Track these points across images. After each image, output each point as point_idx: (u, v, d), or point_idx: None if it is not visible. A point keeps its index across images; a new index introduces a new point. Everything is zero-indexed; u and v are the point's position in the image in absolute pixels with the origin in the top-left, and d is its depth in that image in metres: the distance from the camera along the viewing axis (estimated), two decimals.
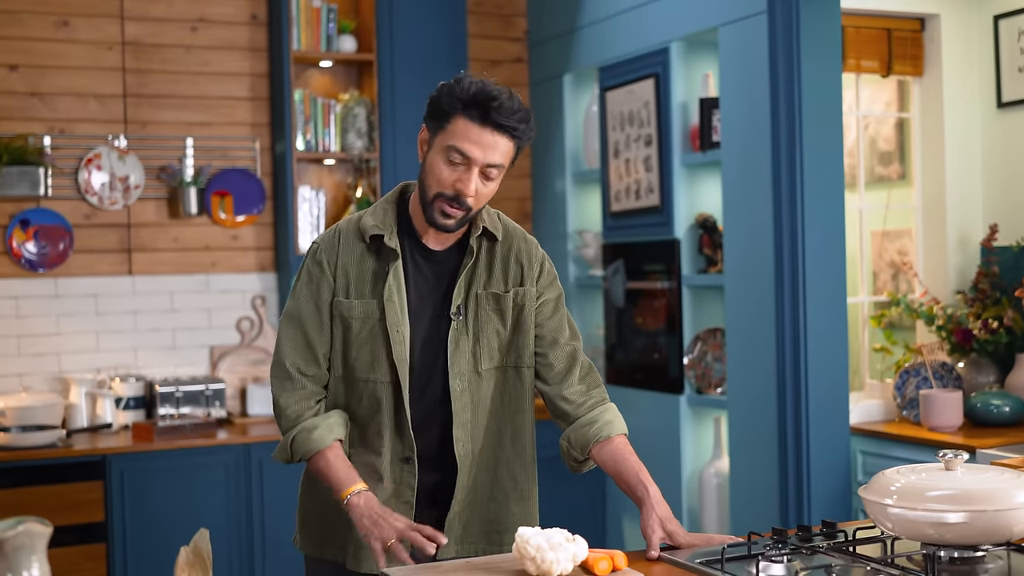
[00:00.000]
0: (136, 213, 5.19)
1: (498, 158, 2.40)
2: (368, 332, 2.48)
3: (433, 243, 2.53)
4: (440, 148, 2.40)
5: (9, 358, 4.99)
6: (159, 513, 4.61)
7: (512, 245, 2.58)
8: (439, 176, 2.40)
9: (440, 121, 2.41)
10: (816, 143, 4.21)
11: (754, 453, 4.39)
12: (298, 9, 5.24)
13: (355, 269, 2.50)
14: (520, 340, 2.56)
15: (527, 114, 2.42)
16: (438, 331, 2.50)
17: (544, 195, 5.84)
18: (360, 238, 2.51)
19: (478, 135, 2.37)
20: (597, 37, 5.31)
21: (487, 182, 2.41)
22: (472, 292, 2.52)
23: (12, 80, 5.01)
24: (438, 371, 2.50)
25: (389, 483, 2.50)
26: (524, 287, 2.56)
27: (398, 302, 2.47)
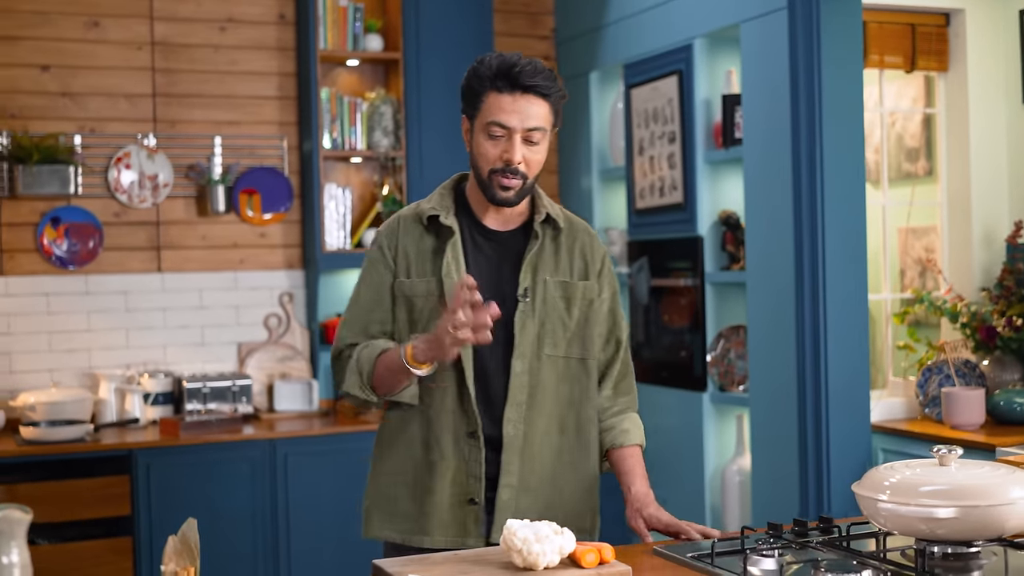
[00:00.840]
0: (165, 211, 5.26)
1: (535, 121, 2.47)
2: (430, 310, 2.54)
3: (493, 223, 2.60)
4: (480, 128, 2.50)
5: (40, 354, 5.07)
6: (185, 507, 4.66)
7: (577, 237, 2.66)
8: (485, 153, 2.49)
9: (474, 104, 2.51)
10: (836, 139, 4.19)
11: (775, 450, 4.38)
12: (325, 8, 5.29)
13: (414, 250, 2.59)
14: (586, 333, 2.63)
15: (551, 74, 2.50)
16: (504, 312, 2.52)
17: (571, 192, 5.84)
18: (419, 221, 2.61)
19: (510, 103, 2.45)
20: (623, 34, 5.32)
21: (532, 147, 2.49)
22: (539, 277, 2.58)
23: (44, 80, 5.09)
24: (503, 351, 2.55)
25: (455, 459, 2.54)
26: (589, 281, 2.64)
27: (457, 278, 2.51)
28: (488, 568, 2.10)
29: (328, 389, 5.44)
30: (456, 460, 2.54)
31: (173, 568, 1.89)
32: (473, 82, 2.52)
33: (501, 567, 2.10)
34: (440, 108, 5.38)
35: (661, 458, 5.16)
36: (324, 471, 4.84)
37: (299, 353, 5.40)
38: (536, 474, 2.59)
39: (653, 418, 5.20)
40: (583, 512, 2.70)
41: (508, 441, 2.55)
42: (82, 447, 4.59)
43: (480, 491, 2.54)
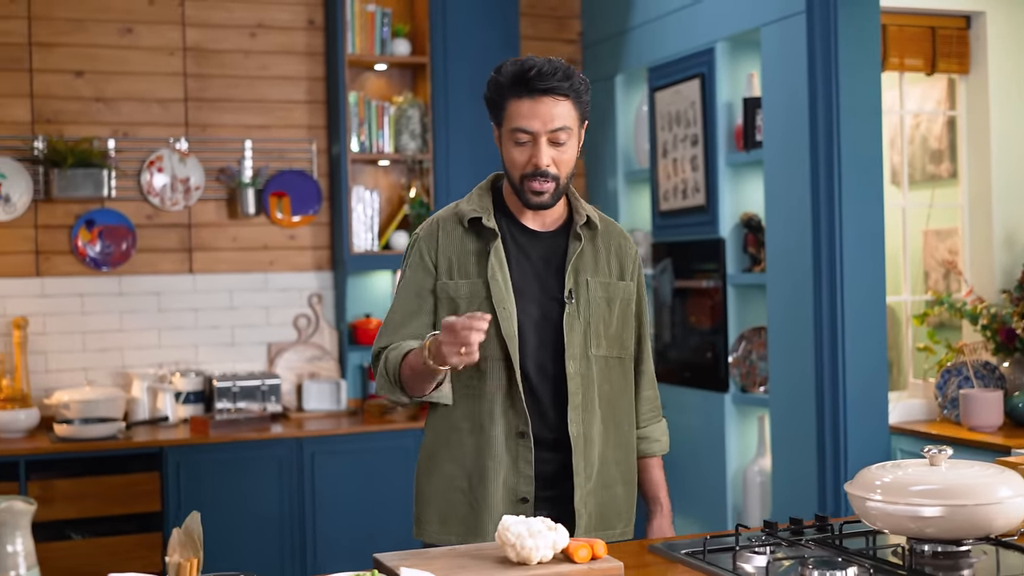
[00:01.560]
0: (196, 213, 5.36)
1: (559, 121, 2.49)
2: (476, 310, 2.54)
3: (533, 223, 2.63)
4: (507, 135, 2.53)
5: (75, 353, 5.19)
6: (214, 504, 4.75)
7: (612, 239, 2.70)
8: (514, 160, 2.53)
9: (498, 113, 2.55)
10: (854, 142, 4.22)
11: (795, 451, 4.41)
12: (353, 14, 5.37)
13: (456, 252, 2.60)
14: (625, 332, 2.69)
15: (569, 70, 2.52)
16: (549, 312, 2.59)
17: (597, 194, 5.89)
18: (459, 223, 2.62)
19: (530, 108, 2.48)
20: (647, 38, 5.36)
21: (560, 147, 2.51)
22: (582, 279, 2.61)
23: (78, 85, 5.21)
24: (551, 352, 2.58)
25: (505, 457, 2.56)
26: (626, 282, 2.69)
27: (501, 280, 2.55)
28: (483, 562, 2.16)
29: (356, 389, 5.52)
30: (508, 460, 2.56)
31: (177, 559, 1.96)
32: (493, 92, 2.55)
33: (496, 562, 2.16)
34: (467, 112, 5.45)
35: (684, 458, 5.20)
36: (351, 470, 4.92)
37: (327, 353, 5.49)
38: (595, 473, 2.63)
39: (676, 418, 5.24)
40: (626, 509, 2.74)
41: (574, 442, 2.57)
42: (114, 444, 4.69)
43: (531, 490, 2.56)
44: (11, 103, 5.11)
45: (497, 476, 2.56)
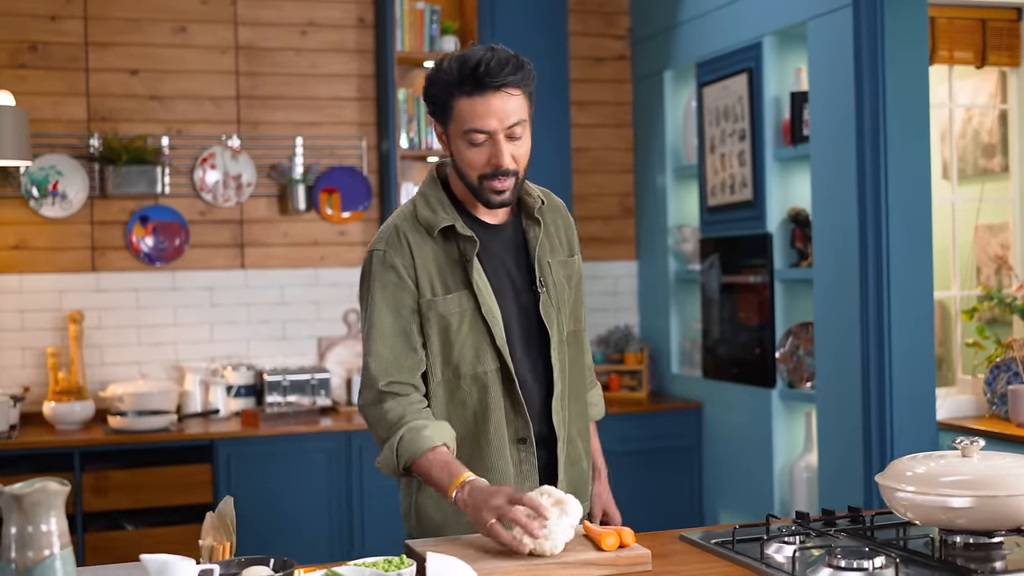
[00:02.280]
0: (248, 210, 5.44)
1: (514, 116, 2.34)
2: (468, 325, 2.42)
3: (487, 216, 2.50)
4: (458, 135, 2.37)
5: (129, 347, 5.28)
6: (263, 495, 4.82)
7: (557, 214, 2.60)
8: (471, 162, 2.37)
9: (444, 111, 2.38)
10: (901, 136, 4.19)
11: (841, 447, 4.39)
12: (402, 11, 5.41)
13: (434, 265, 2.43)
14: (578, 305, 2.61)
15: (518, 60, 2.35)
16: (527, 306, 2.49)
17: (646, 190, 5.89)
18: (425, 232, 2.43)
19: (484, 107, 2.32)
20: (696, 33, 5.35)
21: (516, 142, 2.37)
22: (544, 263, 2.52)
23: (133, 84, 5.30)
24: (534, 346, 2.49)
25: (510, 468, 2.45)
26: (575, 256, 2.61)
27: (483, 287, 2.43)
28: (509, 551, 2.17)
29: None
30: (510, 469, 2.45)
31: (210, 542, 2.00)
32: (437, 91, 2.37)
33: None
34: None
35: (731, 453, 5.19)
36: None
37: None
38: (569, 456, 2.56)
39: (723, 413, 5.24)
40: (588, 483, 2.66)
41: (558, 432, 2.49)
42: (166, 436, 4.77)
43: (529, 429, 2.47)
44: (68, 102, 5.21)
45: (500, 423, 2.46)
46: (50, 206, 5.15)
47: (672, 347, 5.71)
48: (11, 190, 5.12)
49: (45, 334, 5.18)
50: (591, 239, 5.92)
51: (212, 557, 2.00)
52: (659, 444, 5.40)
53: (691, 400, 5.50)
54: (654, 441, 5.40)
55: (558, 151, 5.55)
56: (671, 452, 5.42)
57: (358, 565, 1.98)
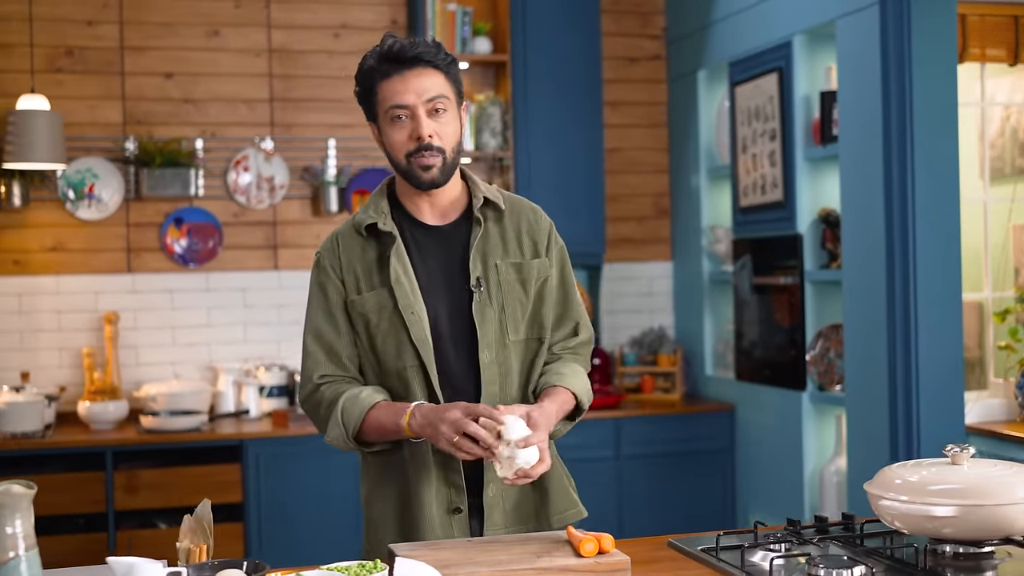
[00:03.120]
0: (281, 211, 5.48)
1: (433, 90, 2.40)
2: (387, 321, 2.45)
3: (431, 218, 2.52)
4: (384, 120, 2.43)
5: (164, 347, 5.35)
6: (292, 496, 4.85)
7: (521, 216, 2.57)
8: (395, 142, 2.42)
9: (371, 102, 2.46)
10: (928, 136, 4.12)
11: (870, 452, 4.33)
12: (433, 13, 5.42)
13: (360, 264, 2.49)
14: (542, 312, 2.54)
15: (434, 44, 2.44)
16: (461, 305, 2.48)
17: (680, 190, 5.86)
18: (357, 233, 2.50)
19: (400, 83, 2.39)
20: (729, 32, 5.31)
21: (440, 117, 2.41)
22: (490, 263, 2.50)
23: (167, 87, 5.36)
24: (466, 345, 2.47)
25: (435, 469, 2.44)
26: (541, 259, 2.55)
27: (407, 284, 2.44)
28: (492, 554, 2.17)
29: None
30: (436, 470, 2.45)
31: (187, 545, 2.02)
32: (363, 81, 2.46)
33: (505, 554, 2.17)
34: (547, 109, 5.47)
35: (763, 456, 5.14)
36: None
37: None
38: None
39: (755, 415, 5.19)
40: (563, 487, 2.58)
41: None
42: (196, 436, 4.82)
43: (463, 499, 2.45)
44: (104, 105, 5.28)
45: (429, 489, 2.45)
46: (86, 208, 5.23)
47: (706, 349, 5.67)
48: (48, 193, 5.20)
49: (81, 335, 5.25)
50: (624, 240, 5.89)
51: (189, 559, 2.01)
52: (692, 446, 5.37)
53: (724, 402, 5.45)
54: (687, 443, 5.37)
55: (590, 151, 5.53)
56: (704, 455, 5.38)
57: (331, 570, 1.99)
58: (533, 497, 2.53)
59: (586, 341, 2.63)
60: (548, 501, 2.55)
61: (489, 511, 2.46)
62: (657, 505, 5.29)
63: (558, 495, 2.57)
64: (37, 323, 5.21)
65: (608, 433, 5.23)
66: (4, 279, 5.18)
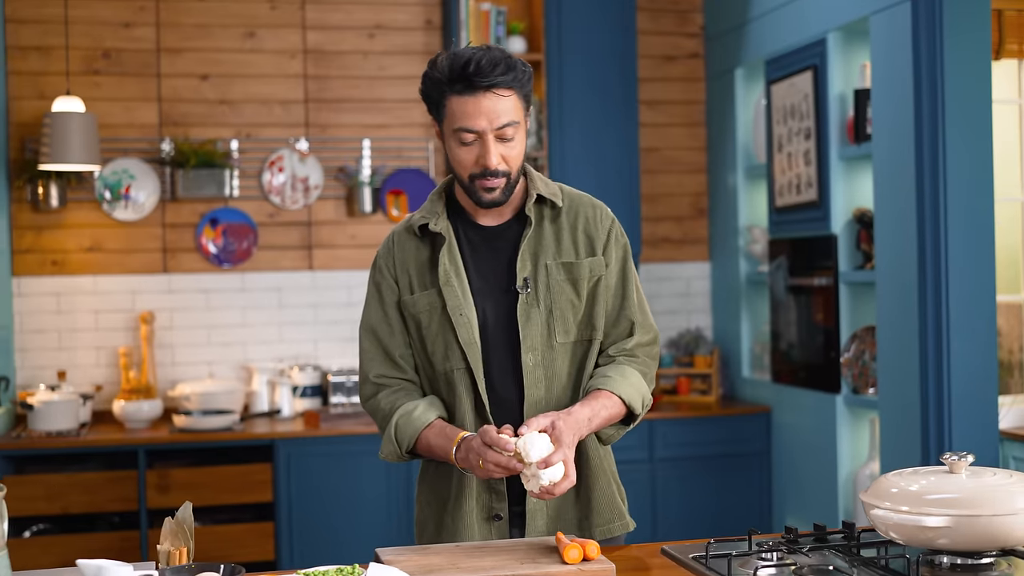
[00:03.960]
0: (316, 212, 5.49)
1: (505, 117, 2.34)
2: (437, 323, 2.45)
3: (486, 219, 2.49)
4: (450, 134, 2.38)
5: (199, 347, 5.38)
6: (322, 496, 4.86)
7: (579, 213, 2.51)
8: (461, 160, 2.38)
9: (439, 110, 2.39)
10: (962, 134, 4.04)
11: (902, 456, 4.25)
12: (467, 13, 5.41)
13: (413, 264, 2.49)
14: (595, 311, 2.48)
15: (511, 60, 2.35)
16: (508, 307, 2.45)
17: (717, 190, 5.79)
18: (412, 233, 2.50)
19: (474, 106, 2.32)
20: (765, 29, 5.24)
21: (508, 143, 2.36)
22: (540, 263, 2.45)
23: (203, 89, 5.40)
24: (511, 348, 2.44)
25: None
26: (596, 257, 2.48)
27: (457, 285, 2.43)
28: (479, 559, 2.15)
29: None
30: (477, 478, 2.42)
31: (167, 547, 2.02)
32: (430, 89, 2.39)
33: (492, 559, 2.15)
34: (582, 108, 5.43)
35: (798, 459, 5.07)
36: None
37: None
38: None
39: (791, 418, 5.12)
40: (611, 499, 2.52)
41: None
42: (227, 436, 4.85)
43: (504, 506, 2.43)
44: (140, 107, 5.33)
45: (471, 494, 2.44)
46: (123, 209, 5.28)
47: (743, 350, 5.60)
48: (85, 194, 5.26)
49: (118, 334, 5.31)
50: (661, 240, 5.84)
51: (169, 562, 2.01)
52: (728, 449, 5.30)
53: (760, 405, 5.38)
54: (723, 446, 5.30)
55: (626, 151, 5.48)
56: (740, 458, 5.31)
57: (308, 574, 1.98)
58: (577, 506, 2.50)
59: (645, 343, 2.54)
60: (592, 511, 2.50)
61: (531, 518, 2.44)
62: (691, 508, 5.23)
63: (603, 505, 2.51)
64: (75, 323, 5.27)
65: (641, 435, 5.18)
66: (43, 279, 5.25)
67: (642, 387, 2.48)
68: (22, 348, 5.23)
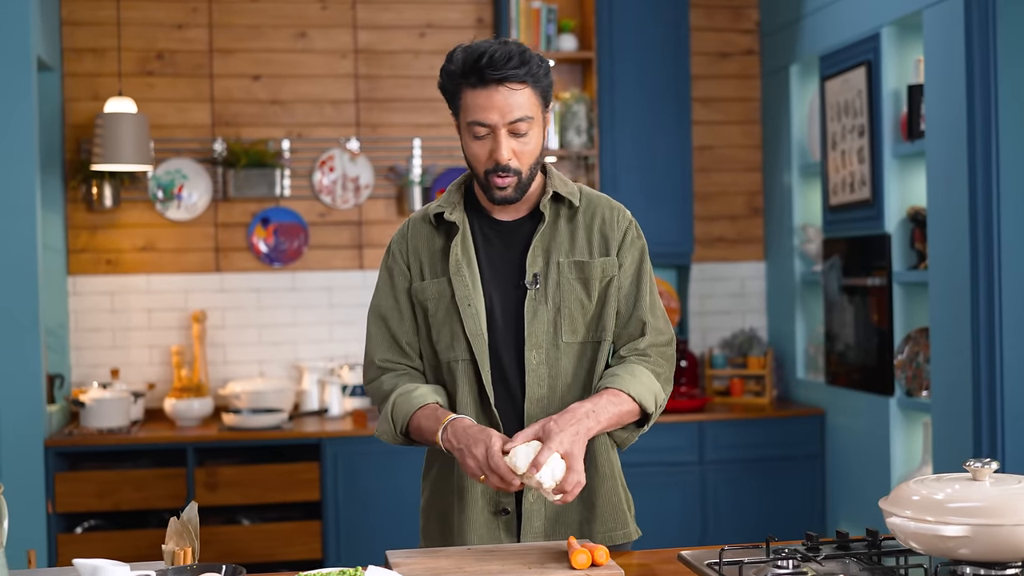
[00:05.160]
0: (366, 211, 5.50)
1: (518, 112, 2.31)
2: (444, 311, 2.43)
3: (502, 214, 2.48)
4: (464, 128, 2.37)
5: (251, 346, 5.42)
6: (369, 495, 4.86)
7: (596, 213, 2.48)
8: (475, 154, 2.37)
9: (454, 104, 2.39)
10: (1015, 130, 3.92)
11: (954, 460, 4.14)
12: (517, 11, 5.38)
13: (426, 251, 2.48)
14: (606, 312, 2.45)
15: (526, 54, 2.32)
16: (516, 302, 2.43)
17: (773, 189, 5.70)
18: (427, 221, 2.50)
19: (486, 99, 2.30)
20: (820, 24, 5.15)
21: (522, 138, 2.33)
22: (552, 260, 2.43)
23: (255, 89, 5.43)
24: (517, 344, 2.41)
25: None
26: (610, 257, 2.45)
27: (468, 276, 2.42)
28: (488, 563, 2.12)
29: None
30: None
31: (172, 547, 2.01)
32: (446, 82, 2.38)
33: (501, 563, 2.12)
34: (633, 106, 5.38)
35: (852, 463, 4.98)
36: None
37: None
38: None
39: (845, 421, 5.03)
40: (615, 505, 2.48)
41: None
42: (275, 435, 4.86)
43: (511, 500, 2.41)
44: (193, 107, 5.38)
45: (476, 487, 2.42)
46: (175, 209, 5.33)
47: (798, 351, 5.51)
48: (138, 194, 5.31)
49: (171, 332, 5.36)
50: (716, 239, 5.76)
51: (174, 562, 2.01)
52: (781, 452, 5.21)
53: (814, 407, 5.29)
54: (775, 449, 5.21)
55: (678, 149, 5.42)
56: (793, 461, 5.22)
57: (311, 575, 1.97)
58: (579, 509, 2.45)
59: (658, 343, 2.49)
60: (595, 516, 2.46)
61: (528, 517, 2.41)
62: (742, 512, 5.15)
63: (606, 511, 2.47)
64: (128, 321, 5.33)
65: (691, 437, 5.12)
66: (97, 278, 5.31)
67: (654, 386, 2.43)
68: (77, 346, 5.30)
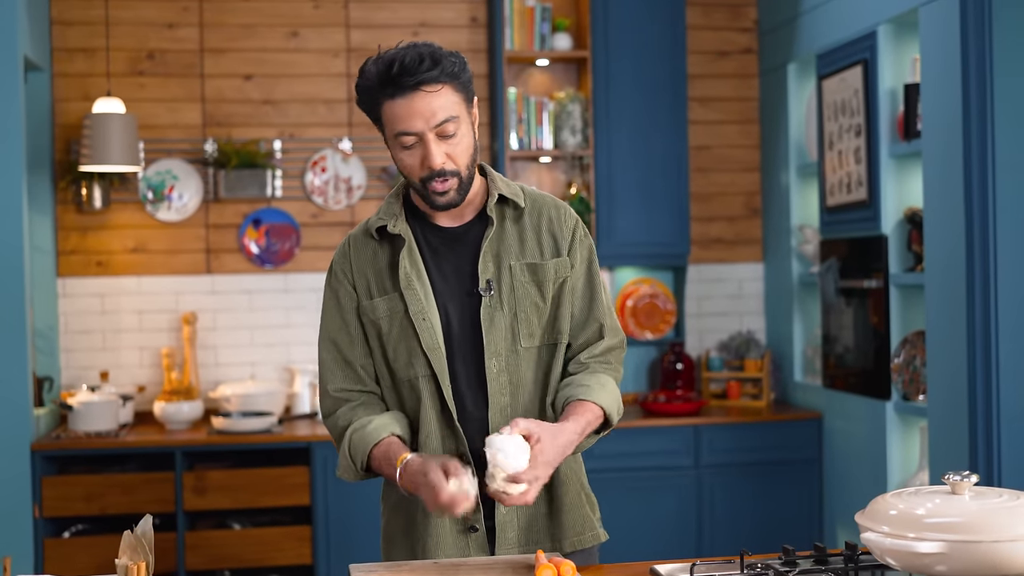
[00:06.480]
0: (359, 212, 5.44)
1: (442, 113, 2.23)
2: (399, 328, 2.35)
3: (446, 220, 2.40)
4: (392, 141, 2.30)
5: (243, 348, 5.37)
6: (358, 500, 4.80)
7: (543, 213, 2.43)
8: (407, 165, 2.29)
9: (376, 118, 2.31)
10: (1011, 130, 3.85)
11: (950, 466, 4.07)
12: (511, 10, 5.32)
13: (371, 268, 2.40)
14: (561, 313, 2.40)
15: (437, 53, 2.25)
16: (472, 311, 2.36)
17: (770, 189, 5.63)
18: (369, 236, 2.42)
19: (406, 108, 2.23)
20: (816, 23, 5.08)
21: (451, 139, 2.26)
22: (504, 264, 2.37)
23: (247, 89, 5.38)
24: (476, 354, 2.35)
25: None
26: (561, 257, 2.41)
27: (420, 289, 2.34)
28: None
29: None
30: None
31: (125, 562, 1.96)
32: (363, 99, 2.30)
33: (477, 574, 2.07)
34: (629, 106, 5.32)
35: (849, 468, 4.91)
36: None
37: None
38: None
39: (842, 425, 4.96)
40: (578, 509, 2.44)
41: None
42: (265, 438, 4.81)
43: (480, 517, 2.34)
44: (184, 107, 5.33)
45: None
46: (166, 210, 5.28)
47: (795, 354, 5.44)
48: (128, 195, 5.27)
49: (162, 335, 5.31)
50: (713, 240, 5.70)
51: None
52: (777, 456, 5.15)
53: (811, 410, 5.22)
54: (771, 452, 5.15)
55: (674, 149, 5.36)
56: (790, 465, 5.15)
57: None
58: (546, 516, 2.40)
59: (615, 347, 2.46)
60: (561, 522, 2.41)
61: (501, 530, 2.35)
62: (738, 517, 5.09)
63: (572, 516, 2.42)
64: (119, 323, 5.28)
65: (687, 441, 5.05)
66: (87, 279, 5.27)
67: (616, 394, 2.40)
68: (67, 348, 5.25)
